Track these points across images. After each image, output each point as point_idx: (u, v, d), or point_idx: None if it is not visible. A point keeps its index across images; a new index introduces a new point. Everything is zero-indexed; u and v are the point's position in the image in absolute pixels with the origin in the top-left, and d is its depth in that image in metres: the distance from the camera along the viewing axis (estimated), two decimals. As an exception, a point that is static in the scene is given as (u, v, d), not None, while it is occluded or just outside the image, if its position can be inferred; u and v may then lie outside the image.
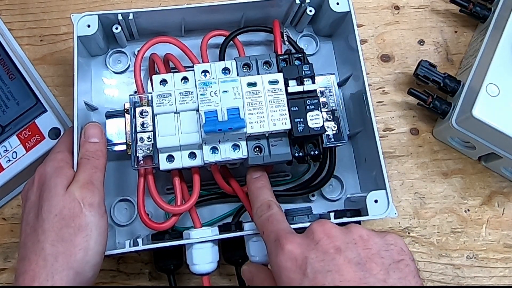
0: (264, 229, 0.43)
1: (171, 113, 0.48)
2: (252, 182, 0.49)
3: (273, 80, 0.49)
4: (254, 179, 0.49)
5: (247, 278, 0.47)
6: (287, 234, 0.40)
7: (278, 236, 0.40)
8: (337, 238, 0.38)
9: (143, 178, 0.50)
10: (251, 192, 0.48)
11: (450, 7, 0.68)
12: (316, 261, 0.37)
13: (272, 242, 0.41)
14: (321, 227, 0.39)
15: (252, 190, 0.48)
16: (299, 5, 0.58)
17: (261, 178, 0.49)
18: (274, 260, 0.39)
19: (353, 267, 0.36)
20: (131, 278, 0.57)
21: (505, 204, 0.62)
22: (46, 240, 0.42)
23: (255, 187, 0.48)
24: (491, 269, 0.59)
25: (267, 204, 0.45)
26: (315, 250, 0.38)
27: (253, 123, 0.47)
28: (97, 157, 0.48)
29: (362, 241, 0.38)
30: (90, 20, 0.53)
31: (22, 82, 0.57)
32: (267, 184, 0.49)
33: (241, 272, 0.48)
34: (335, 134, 0.50)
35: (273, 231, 0.42)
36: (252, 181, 0.49)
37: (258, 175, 0.50)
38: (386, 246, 0.39)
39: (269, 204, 0.45)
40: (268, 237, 0.42)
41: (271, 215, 0.44)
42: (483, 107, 0.55)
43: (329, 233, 0.39)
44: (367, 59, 0.66)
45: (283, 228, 0.42)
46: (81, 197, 0.44)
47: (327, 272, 0.36)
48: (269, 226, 0.43)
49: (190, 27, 0.60)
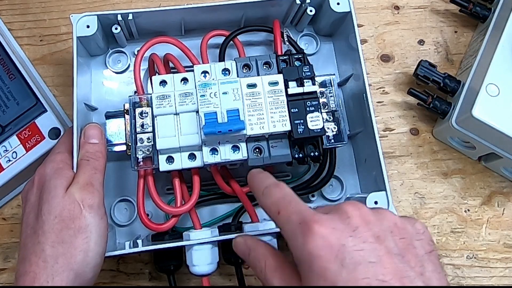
0: (281, 209, 0.38)
1: (171, 115, 0.48)
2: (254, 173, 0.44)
3: (273, 82, 0.49)
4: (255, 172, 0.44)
5: (241, 251, 0.42)
6: (315, 216, 0.35)
7: (304, 218, 0.35)
8: (374, 225, 0.35)
9: (143, 179, 0.50)
10: (254, 180, 0.43)
11: (450, 7, 0.67)
12: (354, 250, 0.33)
13: (296, 225, 0.35)
14: (358, 211, 0.35)
15: (255, 178, 0.43)
16: (299, 5, 0.57)
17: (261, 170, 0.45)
18: (302, 246, 0.34)
19: (394, 258, 0.33)
20: (131, 278, 0.57)
21: (505, 204, 0.62)
22: (46, 242, 0.42)
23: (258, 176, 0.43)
24: (491, 269, 0.59)
25: (275, 184, 0.40)
26: (353, 237, 0.34)
27: (253, 125, 0.47)
28: (96, 158, 0.48)
29: (397, 229, 0.36)
30: (90, 21, 0.53)
31: (22, 82, 0.57)
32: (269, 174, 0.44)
33: (233, 244, 0.43)
34: (335, 135, 0.50)
35: (294, 212, 0.36)
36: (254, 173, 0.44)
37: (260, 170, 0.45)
38: (417, 236, 0.36)
39: (277, 184, 0.40)
40: (289, 218, 0.37)
41: (286, 194, 0.39)
42: (483, 107, 0.55)
43: (366, 219, 0.35)
44: (367, 59, 0.66)
45: (306, 209, 0.36)
46: (81, 198, 0.44)
47: (369, 263, 0.33)
48: (287, 206, 0.37)
49: (190, 27, 0.60)
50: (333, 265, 0.33)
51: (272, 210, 0.39)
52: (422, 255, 0.35)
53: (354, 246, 0.33)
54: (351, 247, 0.33)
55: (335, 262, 0.33)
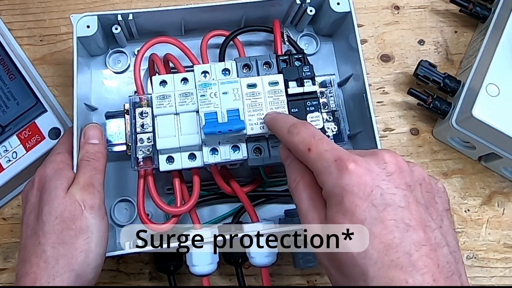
0: (311, 146, 0.38)
1: (171, 115, 0.48)
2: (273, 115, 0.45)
3: (273, 82, 0.49)
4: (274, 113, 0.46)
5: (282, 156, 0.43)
6: (351, 155, 0.36)
7: (339, 155, 0.36)
8: (407, 174, 0.36)
9: (143, 179, 0.50)
10: (278, 120, 0.44)
11: (450, 7, 0.67)
12: (387, 193, 0.34)
13: (331, 161, 0.36)
14: (394, 158, 0.37)
15: (276, 118, 0.44)
16: (299, 5, 0.57)
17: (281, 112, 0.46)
18: (336, 181, 0.35)
19: (420, 207, 0.35)
20: (131, 278, 0.57)
21: (505, 204, 0.62)
22: (47, 243, 0.42)
23: (277, 115, 0.44)
24: (491, 269, 0.59)
25: (302, 122, 0.41)
26: (386, 181, 0.35)
27: (253, 125, 0.47)
28: (97, 158, 0.48)
29: (425, 183, 0.38)
30: (90, 21, 0.53)
31: (22, 82, 0.57)
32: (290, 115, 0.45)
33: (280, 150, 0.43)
34: (335, 134, 0.50)
35: (327, 150, 0.37)
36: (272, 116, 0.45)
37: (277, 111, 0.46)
38: (439, 193, 0.39)
39: (303, 122, 0.41)
40: (321, 155, 0.37)
41: (315, 133, 0.39)
42: (483, 107, 0.55)
43: (401, 167, 0.36)
44: (367, 59, 0.66)
45: (340, 148, 0.37)
46: (81, 199, 0.44)
47: (398, 207, 0.34)
48: (319, 144, 0.38)
49: (190, 27, 0.60)
50: (364, 203, 0.34)
51: (301, 147, 0.39)
52: (442, 210, 0.38)
53: (387, 189, 0.35)
54: (384, 190, 0.35)
55: (367, 200, 0.34)
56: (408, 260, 0.33)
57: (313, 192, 0.38)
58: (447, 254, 0.34)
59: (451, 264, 0.34)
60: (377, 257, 0.33)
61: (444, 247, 0.35)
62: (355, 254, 0.34)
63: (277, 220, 0.55)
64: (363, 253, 0.33)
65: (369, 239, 0.33)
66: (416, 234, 0.33)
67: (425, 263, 0.33)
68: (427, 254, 0.33)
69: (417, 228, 0.34)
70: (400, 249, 0.33)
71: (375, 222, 0.33)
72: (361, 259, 0.33)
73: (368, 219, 0.34)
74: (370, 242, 0.33)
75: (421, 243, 0.33)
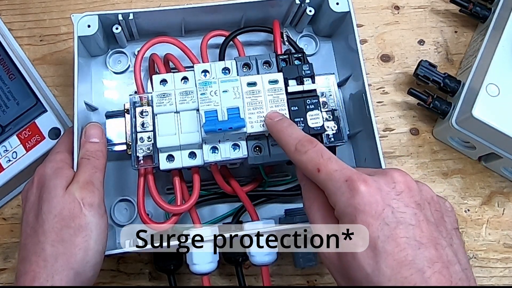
0: (321, 166, 0.38)
1: (171, 113, 0.48)
2: (276, 123, 0.45)
3: (273, 80, 0.49)
4: (277, 121, 0.45)
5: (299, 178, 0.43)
6: (361, 175, 0.37)
7: (349, 176, 0.37)
8: (416, 193, 0.37)
9: (143, 178, 0.50)
10: (279, 132, 0.44)
11: (450, 7, 0.68)
12: (397, 212, 0.35)
13: (342, 182, 0.37)
14: (403, 177, 0.37)
15: (280, 129, 0.44)
16: (299, 5, 0.58)
17: (285, 118, 0.46)
18: (347, 201, 0.36)
19: (430, 225, 0.36)
20: (131, 278, 0.57)
21: (505, 204, 0.62)
22: (46, 241, 0.42)
23: (282, 126, 0.44)
24: (491, 269, 0.59)
25: (308, 139, 0.41)
26: (396, 200, 0.36)
27: (253, 123, 0.47)
28: (97, 157, 0.48)
29: (433, 202, 0.38)
30: (90, 20, 0.53)
31: (22, 82, 0.57)
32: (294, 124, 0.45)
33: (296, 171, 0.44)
34: (335, 133, 0.50)
35: (337, 170, 0.38)
36: (275, 123, 0.45)
37: (279, 116, 0.46)
38: (447, 212, 0.39)
39: (309, 139, 0.41)
40: (331, 176, 0.38)
41: (323, 151, 0.40)
42: (483, 107, 0.55)
43: (410, 186, 0.37)
44: (367, 59, 0.66)
45: (349, 167, 0.38)
46: (81, 197, 0.44)
47: (409, 225, 0.35)
48: (328, 164, 0.38)
49: (190, 27, 0.60)
50: (376, 221, 0.35)
51: (310, 167, 0.39)
52: (451, 229, 0.38)
53: (397, 208, 0.36)
54: (395, 208, 0.36)
55: (379, 219, 0.35)
56: (421, 277, 0.33)
57: (326, 212, 0.39)
58: (459, 272, 0.35)
59: (463, 281, 0.35)
60: (391, 275, 0.33)
61: (456, 265, 0.35)
62: (369, 272, 0.34)
63: (277, 220, 0.55)
64: (377, 271, 0.34)
65: (382, 257, 0.34)
66: (428, 252, 0.34)
67: (438, 280, 0.33)
68: (440, 271, 0.34)
69: (428, 245, 0.35)
70: (413, 266, 0.33)
71: (388, 240, 0.34)
72: (375, 277, 0.34)
73: (381, 237, 0.34)
74: (383, 260, 0.34)
75: (434, 260, 0.34)
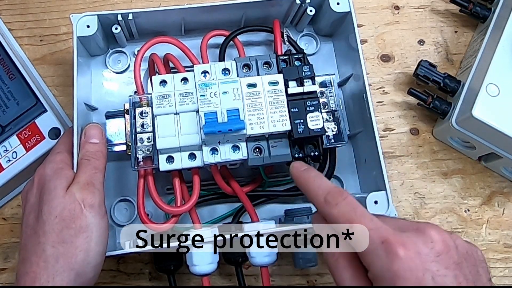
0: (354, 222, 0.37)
1: (171, 114, 0.48)
2: (303, 173, 0.43)
3: (273, 81, 0.49)
4: (303, 170, 0.44)
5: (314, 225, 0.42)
6: (398, 237, 0.36)
7: (385, 238, 0.36)
8: (454, 251, 0.36)
9: (143, 179, 0.50)
10: (307, 182, 0.42)
11: (450, 7, 0.67)
12: (438, 275, 0.34)
13: (378, 244, 0.36)
14: (441, 236, 0.36)
15: (307, 179, 0.42)
16: (299, 5, 0.57)
17: (311, 168, 0.44)
18: (386, 266, 0.35)
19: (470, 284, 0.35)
20: (131, 278, 0.57)
21: (505, 204, 0.62)
22: (47, 242, 0.42)
23: (309, 175, 0.43)
24: (491, 269, 0.59)
25: (338, 190, 0.40)
26: (436, 262, 0.35)
27: (253, 124, 0.47)
28: (97, 157, 0.48)
29: (469, 256, 0.37)
30: (90, 21, 0.53)
31: (22, 82, 0.57)
32: (321, 174, 0.43)
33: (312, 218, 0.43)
34: (335, 134, 0.50)
35: (372, 229, 0.36)
36: (302, 173, 0.44)
37: (305, 167, 0.44)
38: (481, 263, 0.38)
39: (340, 191, 0.39)
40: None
41: (355, 205, 0.38)
42: (483, 107, 0.55)
43: (448, 245, 0.36)
44: (367, 59, 0.66)
45: (383, 227, 0.37)
46: (81, 198, 0.44)
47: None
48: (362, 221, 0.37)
49: (190, 27, 0.60)
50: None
51: (341, 222, 0.38)
52: (485, 282, 0.37)
53: (437, 271, 0.35)
54: (435, 272, 0.34)
55: (418, 283, 0.34)
56: None
57: (357, 272, 0.38)
58: None
59: None
60: None
61: None
62: None
63: (277, 220, 0.55)
64: None
65: None
66: None
67: None
68: None
69: None
70: None
71: None
72: None
73: None
74: None
75: None
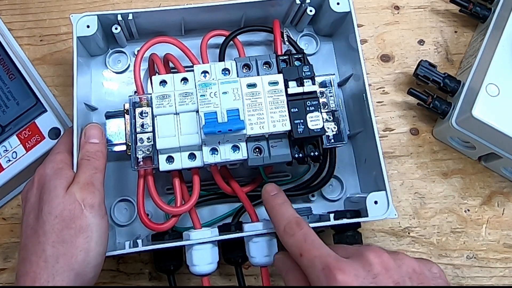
0: (303, 251, 0.40)
1: (171, 114, 0.48)
2: (271, 199, 0.47)
3: (273, 81, 0.49)
4: (273, 196, 0.47)
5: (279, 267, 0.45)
6: (338, 263, 0.38)
7: (326, 264, 0.38)
8: (394, 271, 0.37)
9: (143, 179, 0.50)
10: (273, 209, 0.46)
11: (450, 7, 0.67)
12: None
13: (320, 270, 0.38)
14: (379, 258, 0.38)
15: (273, 206, 0.46)
16: (299, 5, 0.57)
17: (279, 194, 0.47)
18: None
19: None
20: (131, 278, 0.57)
21: (505, 204, 0.62)
22: (47, 242, 0.42)
23: (275, 203, 0.46)
24: (491, 269, 0.59)
25: (296, 221, 0.43)
26: (373, 283, 0.36)
27: (253, 125, 0.47)
28: (97, 158, 0.48)
29: (415, 274, 0.38)
30: (90, 21, 0.53)
31: (22, 82, 0.57)
32: (288, 200, 0.47)
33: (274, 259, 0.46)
34: (335, 134, 0.50)
35: (316, 256, 0.39)
36: (271, 198, 0.47)
37: (275, 191, 0.48)
38: (434, 280, 0.38)
39: (297, 222, 0.43)
40: (312, 262, 0.39)
41: (307, 236, 0.41)
42: (483, 107, 0.55)
43: (386, 266, 0.37)
44: (367, 59, 0.66)
45: (328, 254, 0.39)
46: (81, 198, 0.44)
47: None
48: (310, 250, 0.40)
49: (190, 27, 0.60)
50: None
51: (294, 251, 0.41)
52: None
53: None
54: None
55: None
56: None
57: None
58: None
59: None
60: None
61: None
62: None
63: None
64: None
65: None
66: None
67: None
68: None
69: None
70: None
71: None
72: None
73: None
74: None
75: None
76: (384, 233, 0.60)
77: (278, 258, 0.46)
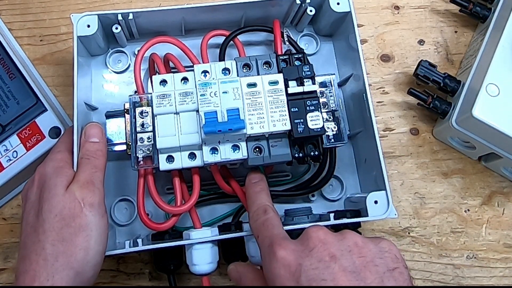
0: (259, 233, 0.43)
1: (171, 114, 0.48)
2: (251, 186, 0.49)
3: (273, 81, 0.49)
4: (253, 183, 0.49)
5: (234, 278, 0.46)
6: (281, 240, 0.39)
7: (272, 241, 0.40)
8: (332, 245, 0.38)
9: (143, 178, 0.50)
10: (249, 196, 0.48)
11: (450, 7, 0.68)
12: (310, 269, 0.36)
13: (266, 248, 0.40)
14: (316, 233, 0.39)
15: (250, 194, 0.48)
16: (299, 5, 0.57)
17: (260, 182, 0.49)
18: (268, 267, 0.39)
19: (348, 275, 0.36)
20: (131, 278, 0.57)
21: (505, 204, 0.62)
22: (47, 240, 0.42)
23: (253, 191, 0.48)
24: (491, 269, 0.59)
25: (263, 208, 0.45)
26: (309, 257, 0.37)
27: (253, 124, 0.47)
28: (97, 156, 0.48)
29: (357, 248, 0.38)
30: (90, 20, 0.53)
31: (22, 81, 0.57)
32: (266, 189, 0.48)
33: (227, 271, 0.46)
34: (335, 134, 0.50)
35: (267, 236, 0.41)
36: (250, 185, 0.49)
37: (257, 179, 0.49)
38: (380, 254, 0.38)
39: (265, 209, 0.45)
40: (263, 242, 0.41)
41: (267, 220, 0.43)
42: (483, 107, 0.55)
43: (324, 240, 0.38)
44: (367, 59, 0.66)
45: (277, 234, 0.41)
46: (81, 197, 0.44)
47: (322, 280, 0.36)
48: (264, 231, 0.42)
49: (190, 27, 0.60)
50: (290, 283, 0.36)
51: (254, 233, 0.44)
52: (384, 272, 0.37)
53: (310, 265, 0.37)
54: (307, 266, 0.37)
55: (292, 280, 0.36)
56: None
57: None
58: None
59: None
60: None
61: None
62: None
63: (277, 220, 0.55)
64: None
65: None
66: None
67: None
68: None
69: None
70: None
71: None
72: None
73: None
74: None
75: None
76: (384, 233, 0.60)
77: (231, 269, 0.46)
